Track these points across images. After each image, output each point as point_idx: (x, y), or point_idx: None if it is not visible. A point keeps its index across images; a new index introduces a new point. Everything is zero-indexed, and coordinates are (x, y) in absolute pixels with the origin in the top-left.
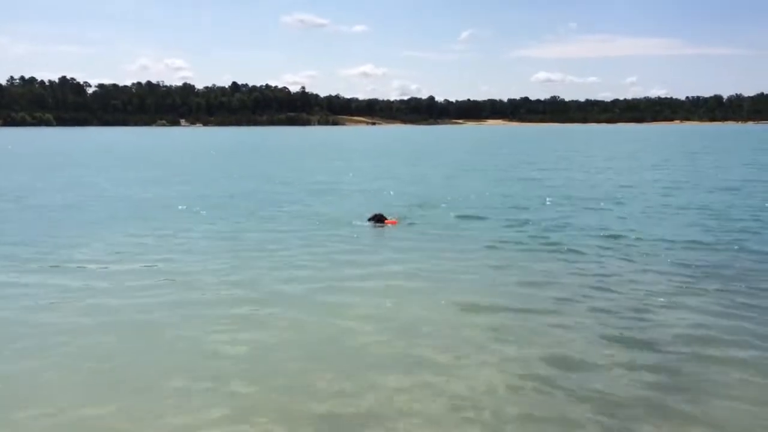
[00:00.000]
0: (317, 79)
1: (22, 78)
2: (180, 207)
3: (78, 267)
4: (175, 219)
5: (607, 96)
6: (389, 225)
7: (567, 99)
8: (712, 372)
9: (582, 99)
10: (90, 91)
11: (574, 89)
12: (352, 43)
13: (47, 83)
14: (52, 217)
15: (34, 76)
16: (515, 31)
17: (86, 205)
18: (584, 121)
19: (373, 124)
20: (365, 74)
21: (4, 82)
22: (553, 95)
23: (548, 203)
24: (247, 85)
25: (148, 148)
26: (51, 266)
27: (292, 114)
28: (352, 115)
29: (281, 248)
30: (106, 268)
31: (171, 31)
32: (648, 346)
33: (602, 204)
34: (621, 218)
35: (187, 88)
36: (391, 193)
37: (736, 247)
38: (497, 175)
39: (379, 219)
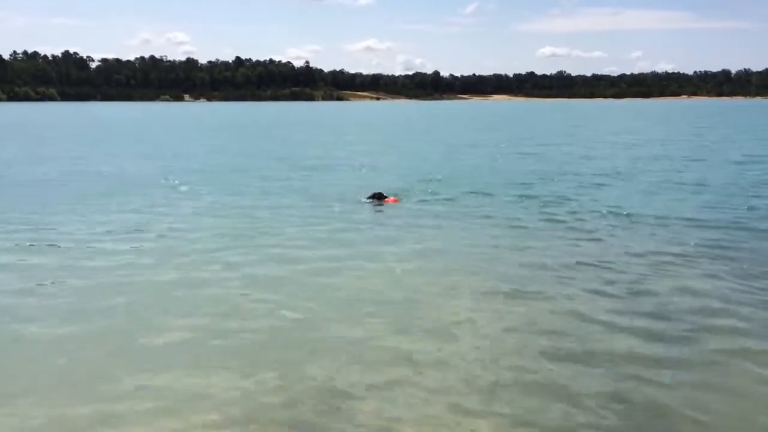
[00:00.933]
0: (321, 54)
1: (25, 52)
2: (163, 181)
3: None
4: (152, 195)
5: (613, 71)
6: (389, 203)
7: (573, 74)
8: (721, 348)
9: (588, 74)
10: (93, 65)
11: (580, 64)
12: (355, 17)
13: (50, 58)
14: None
15: (36, 50)
16: (521, 4)
17: (69, 179)
18: (591, 96)
19: (378, 99)
20: (369, 49)
21: (7, 56)
22: (559, 70)
23: (555, 180)
24: (251, 59)
25: (146, 123)
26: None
27: (296, 89)
28: (357, 91)
29: (273, 227)
30: (82, 246)
31: (171, 4)
32: (653, 324)
33: (607, 179)
34: (625, 194)
35: (191, 63)
36: (392, 169)
37: (742, 224)
38: (500, 151)
39: (379, 197)
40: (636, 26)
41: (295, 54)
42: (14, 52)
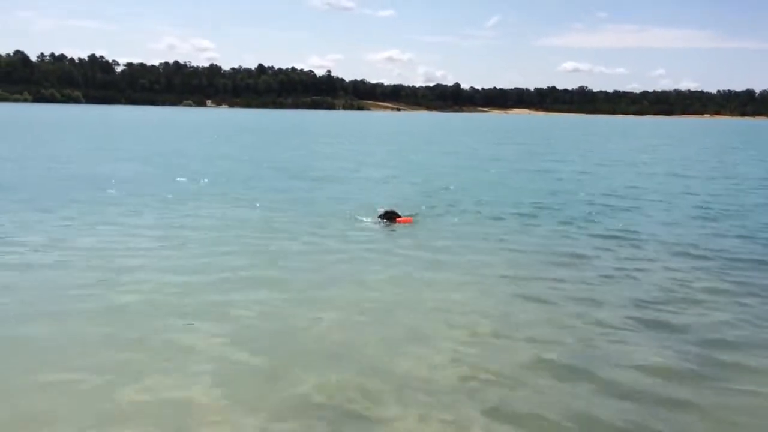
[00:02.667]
0: (342, 63)
1: (52, 55)
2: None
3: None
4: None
5: (635, 87)
6: (402, 223)
7: (595, 89)
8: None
9: (610, 90)
10: (118, 69)
11: (602, 80)
12: (378, 28)
13: (77, 60)
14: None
15: (63, 53)
16: (544, 18)
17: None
18: (612, 112)
19: (398, 110)
20: (391, 59)
21: (34, 58)
22: (580, 85)
23: (579, 197)
24: (273, 67)
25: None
26: None
27: (317, 98)
28: (377, 101)
29: (265, 248)
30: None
31: (196, 10)
32: (676, 338)
33: (625, 201)
34: (645, 216)
35: (214, 69)
36: (405, 182)
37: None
38: (516, 166)
39: (390, 216)
40: (660, 44)
41: (317, 62)
42: (41, 54)
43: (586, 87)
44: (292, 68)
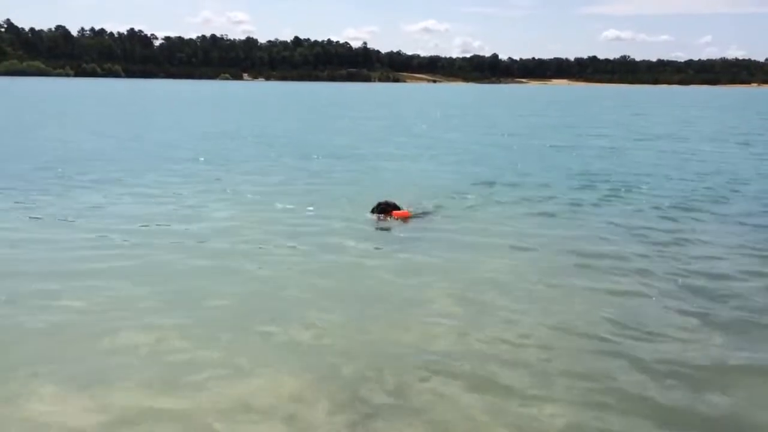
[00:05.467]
0: (378, 35)
1: (92, 29)
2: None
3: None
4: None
5: (680, 56)
6: (398, 218)
7: (637, 59)
8: None
9: (653, 59)
10: (156, 43)
11: (645, 48)
12: None
13: (116, 35)
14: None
15: (103, 27)
16: None
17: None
18: (655, 82)
19: (434, 81)
20: (427, 30)
21: (75, 33)
22: (622, 54)
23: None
24: (309, 39)
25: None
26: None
27: (352, 70)
28: (414, 72)
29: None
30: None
31: None
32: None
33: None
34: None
35: (250, 42)
36: (418, 164)
37: None
38: (544, 141)
39: (384, 209)
40: (705, 10)
41: (353, 34)
42: (82, 28)
43: (628, 56)
44: (328, 40)
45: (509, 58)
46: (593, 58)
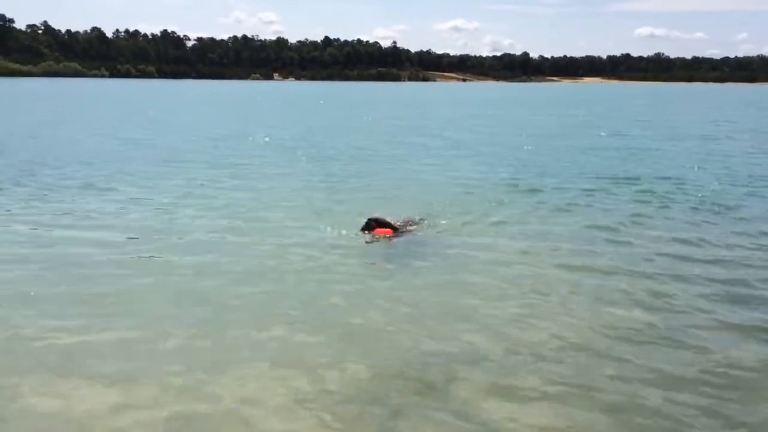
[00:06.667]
0: (407, 34)
1: (126, 31)
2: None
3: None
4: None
5: (715, 53)
6: (381, 236)
7: (672, 56)
8: None
9: (688, 56)
10: (189, 44)
11: (679, 46)
12: None
13: (150, 36)
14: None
15: (137, 28)
16: None
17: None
18: (690, 80)
19: (464, 80)
20: (456, 29)
21: (110, 35)
22: (656, 52)
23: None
24: (339, 39)
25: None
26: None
27: (382, 69)
28: (443, 71)
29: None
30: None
31: None
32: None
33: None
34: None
35: (281, 42)
36: (423, 170)
37: None
38: (573, 143)
39: (371, 226)
40: (741, 7)
41: (382, 34)
42: (116, 30)
43: (663, 53)
44: (358, 40)
45: (540, 56)
46: (626, 56)
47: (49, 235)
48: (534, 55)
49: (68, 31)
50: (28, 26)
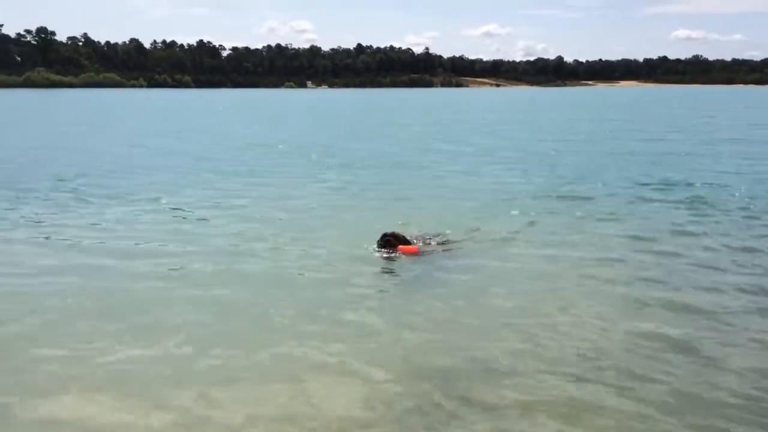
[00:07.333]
0: (439, 40)
1: (163, 41)
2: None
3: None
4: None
5: (755, 55)
6: (405, 254)
7: (710, 58)
8: None
9: (727, 58)
10: (224, 54)
11: (718, 48)
12: (474, 2)
13: (186, 47)
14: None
15: (174, 39)
16: None
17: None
18: (729, 82)
19: (497, 86)
20: (488, 34)
21: (148, 46)
22: (694, 54)
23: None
24: (371, 46)
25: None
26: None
27: (414, 76)
28: (476, 77)
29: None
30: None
31: None
32: None
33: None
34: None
35: (314, 50)
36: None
37: None
38: (605, 148)
39: (390, 242)
40: None
41: (414, 40)
42: (154, 41)
43: (701, 55)
44: (390, 47)
45: (574, 60)
46: (663, 59)
47: (77, 244)
48: (568, 59)
49: (107, 42)
50: (69, 38)
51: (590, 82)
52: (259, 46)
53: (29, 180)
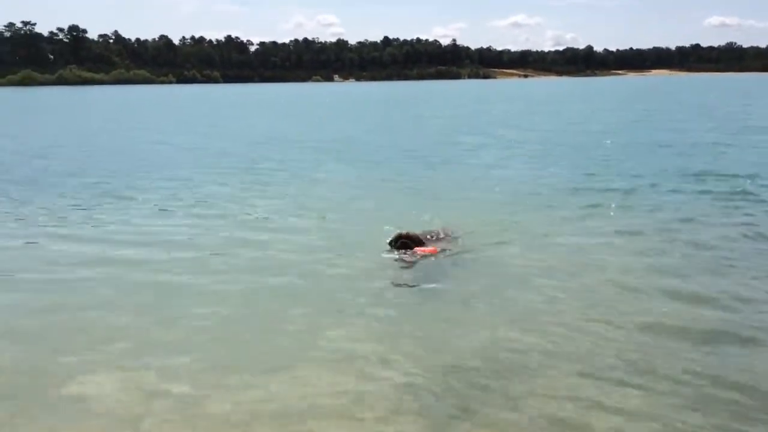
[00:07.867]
0: (466, 32)
1: (192, 37)
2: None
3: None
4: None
5: None
6: (421, 255)
7: (744, 45)
8: None
9: (762, 45)
10: (252, 49)
11: (752, 35)
12: None
13: (214, 42)
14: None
15: (202, 35)
16: None
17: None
18: (765, 69)
19: (525, 76)
20: (516, 24)
21: (177, 42)
22: (728, 41)
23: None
24: (398, 39)
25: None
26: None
27: (441, 68)
28: (504, 68)
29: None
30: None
31: None
32: None
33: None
34: None
35: (341, 44)
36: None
37: None
38: (637, 139)
39: (404, 244)
40: None
41: (441, 32)
42: (183, 37)
43: (735, 43)
44: (417, 39)
45: (604, 49)
46: (696, 46)
47: (90, 245)
48: (598, 48)
49: (138, 39)
50: (100, 36)
51: (621, 72)
52: (286, 41)
53: (54, 177)
